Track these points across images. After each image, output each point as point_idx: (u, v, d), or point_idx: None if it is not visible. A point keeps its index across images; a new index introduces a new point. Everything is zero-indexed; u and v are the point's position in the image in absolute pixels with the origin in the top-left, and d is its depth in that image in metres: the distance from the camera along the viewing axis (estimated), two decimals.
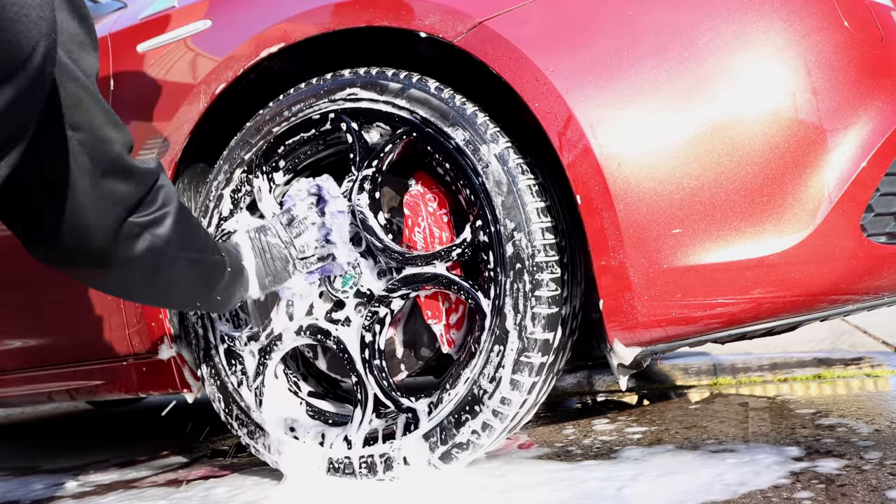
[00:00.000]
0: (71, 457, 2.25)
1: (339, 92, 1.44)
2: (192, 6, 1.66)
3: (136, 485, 1.71)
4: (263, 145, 1.52)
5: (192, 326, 1.59)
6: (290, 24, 1.47)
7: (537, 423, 1.83)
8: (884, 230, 1.21)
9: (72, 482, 1.84)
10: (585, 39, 1.23)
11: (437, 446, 1.33)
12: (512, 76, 1.26)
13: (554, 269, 1.27)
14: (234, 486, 1.53)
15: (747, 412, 1.67)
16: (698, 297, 1.18)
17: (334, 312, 1.49)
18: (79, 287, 1.71)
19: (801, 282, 1.17)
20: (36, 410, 3.93)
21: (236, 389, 1.54)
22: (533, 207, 1.28)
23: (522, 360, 1.27)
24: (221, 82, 1.54)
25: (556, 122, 1.22)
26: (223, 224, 1.55)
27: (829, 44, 1.18)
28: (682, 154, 1.18)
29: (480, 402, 1.30)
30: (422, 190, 1.43)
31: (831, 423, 1.48)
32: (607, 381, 2.40)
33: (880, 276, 1.22)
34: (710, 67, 1.18)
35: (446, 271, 1.36)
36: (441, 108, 1.34)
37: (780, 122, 1.16)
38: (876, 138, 1.17)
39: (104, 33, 1.77)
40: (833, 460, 1.22)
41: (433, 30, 1.33)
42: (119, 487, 1.71)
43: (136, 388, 1.72)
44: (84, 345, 1.75)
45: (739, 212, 1.16)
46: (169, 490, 1.60)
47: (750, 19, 1.18)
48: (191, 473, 1.75)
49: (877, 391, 1.80)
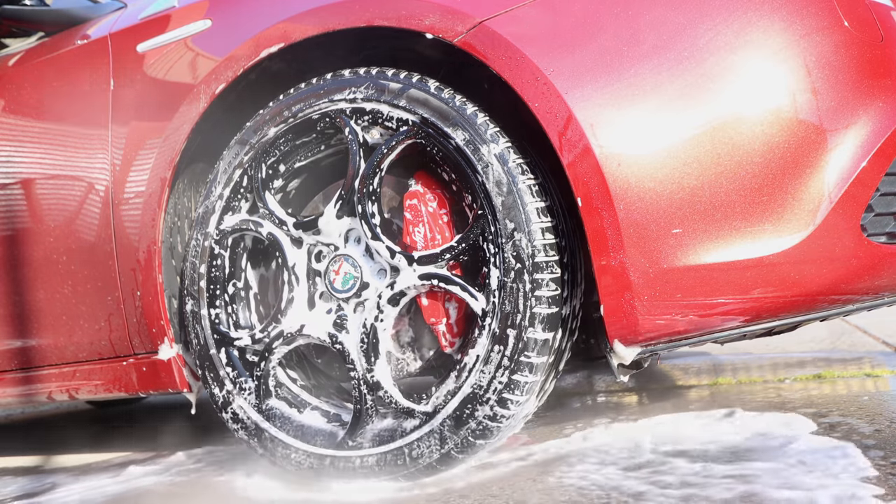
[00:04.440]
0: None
1: (339, 92, 1.44)
2: (192, 6, 1.66)
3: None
4: (263, 145, 1.52)
5: (191, 326, 1.59)
6: (291, 23, 1.47)
7: (537, 423, 1.83)
8: (884, 230, 1.21)
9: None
10: (585, 39, 1.23)
11: (437, 447, 1.33)
12: (512, 76, 1.26)
13: (554, 269, 1.27)
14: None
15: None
16: (698, 297, 1.18)
17: (334, 313, 1.49)
18: (79, 287, 1.71)
19: (801, 282, 1.17)
20: (37, 410, 3.93)
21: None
22: (533, 207, 1.28)
23: (522, 360, 1.27)
24: (221, 82, 1.54)
25: (557, 122, 1.22)
26: (222, 224, 1.55)
27: (829, 44, 1.19)
28: (682, 154, 1.18)
29: (480, 403, 1.30)
30: (422, 190, 1.43)
31: (831, 422, 1.48)
32: (607, 381, 2.40)
33: (880, 276, 1.22)
34: (710, 67, 1.18)
35: (446, 271, 1.36)
36: (441, 108, 1.34)
37: (780, 122, 1.17)
38: (876, 138, 1.17)
39: (104, 33, 1.77)
40: None
41: (433, 30, 1.33)
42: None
43: (136, 388, 1.72)
44: (84, 345, 1.75)
45: (739, 212, 1.16)
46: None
47: (750, 19, 1.19)
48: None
49: (877, 391, 1.80)
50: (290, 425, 1.50)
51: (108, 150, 1.66)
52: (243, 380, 1.54)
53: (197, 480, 1.66)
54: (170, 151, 1.58)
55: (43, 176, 1.79)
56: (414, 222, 1.41)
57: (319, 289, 1.52)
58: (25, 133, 1.85)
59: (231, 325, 1.57)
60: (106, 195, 1.67)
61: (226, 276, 1.56)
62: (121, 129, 1.65)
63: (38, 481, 1.90)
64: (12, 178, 1.83)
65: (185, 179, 1.68)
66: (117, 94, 1.69)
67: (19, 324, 1.88)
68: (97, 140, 1.68)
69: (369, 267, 1.47)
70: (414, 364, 1.50)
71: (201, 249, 1.56)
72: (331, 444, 1.43)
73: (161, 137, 1.60)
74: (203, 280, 1.56)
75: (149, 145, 1.61)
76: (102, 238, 1.67)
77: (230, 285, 1.57)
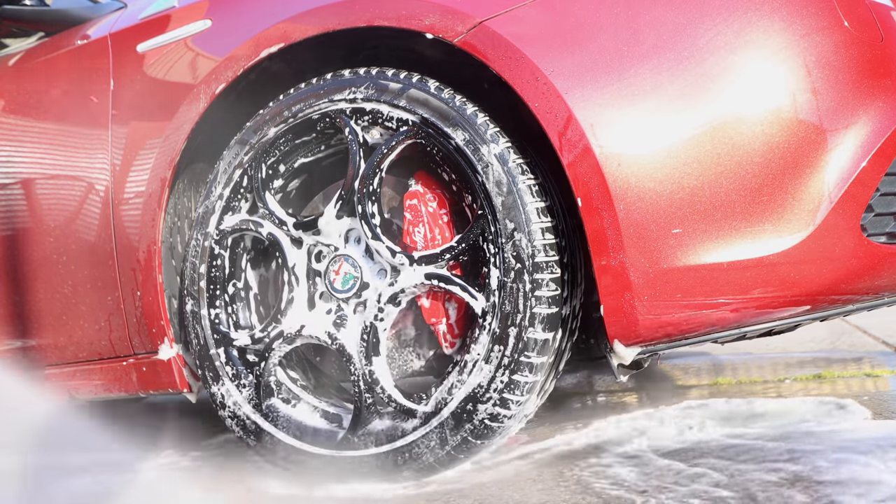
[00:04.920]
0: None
1: (339, 92, 1.44)
2: (192, 6, 1.66)
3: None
4: (263, 145, 1.52)
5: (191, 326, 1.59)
6: (290, 23, 1.47)
7: (537, 423, 1.83)
8: (884, 230, 1.21)
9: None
10: (585, 39, 1.23)
11: (437, 447, 1.33)
12: (512, 76, 1.26)
13: (554, 269, 1.27)
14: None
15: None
16: (698, 297, 1.18)
17: (334, 313, 1.49)
18: (79, 287, 1.71)
19: (801, 282, 1.17)
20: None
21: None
22: (533, 207, 1.28)
23: (522, 360, 1.27)
24: (221, 82, 1.54)
25: (557, 122, 1.22)
26: (222, 224, 1.55)
27: (829, 44, 1.19)
28: (682, 154, 1.18)
29: (480, 403, 1.30)
30: (422, 190, 1.43)
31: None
32: (607, 381, 2.40)
33: (880, 276, 1.22)
34: (710, 67, 1.18)
35: (446, 271, 1.36)
36: (441, 108, 1.34)
37: (780, 122, 1.17)
38: (876, 138, 1.17)
39: (104, 33, 1.77)
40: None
41: (433, 30, 1.33)
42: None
43: (136, 388, 1.72)
44: (84, 344, 1.75)
45: (739, 212, 1.16)
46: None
47: (750, 19, 1.19)
48: None
49: (877, 391, 1.80)
50: (289, 425, 1.49)
51: (108, 150, 1.66)
52: (243, 380, 1.54)
53: (196, 480, 1.65)
54: (170, 151, 1.58)
55: (43, 176, 1.79)
56: (414, 222, 1.41)
57: (319, 289, 1.52)
58: (25, 133, 1.85)
59: (231, 325, 1.57)
60: (106, 195, 1.67)
61: (226, 277, 1.56)
62: (121, 129, 1.65)
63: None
64: (12, 178, 1.83)
65: (185, 179, 1.68)
66: (117, 94, 1.69)
67: (19, 324, 1.88)
68: (97, 140, 1.68)
69: (369, 267, 1.47)
70: (414, 364, 1.50)
71: (201, 249, 1.56)
72: (331, 444, 1.43)
73: (161, 137, 1.60)
74: (203, 280, 1.56)
75: (149, 145, 1.61)
76: (102, 238, 1.67)
77: (230, 285, 1.57)
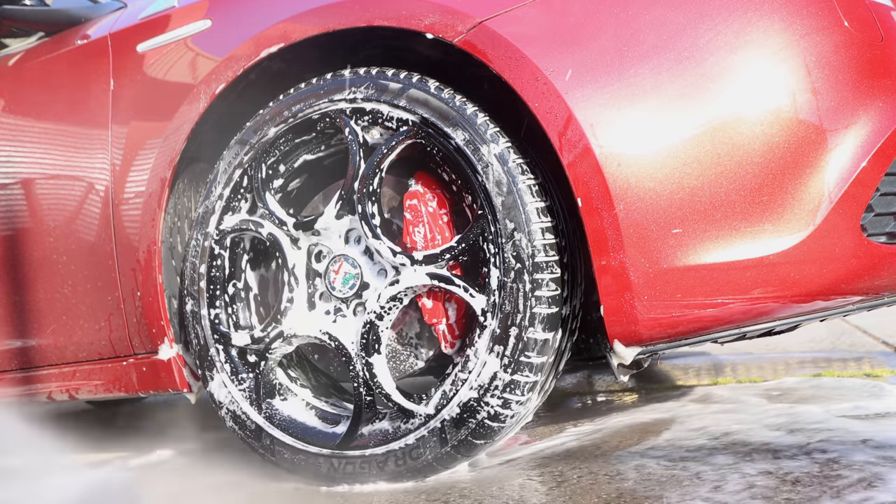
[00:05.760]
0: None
1: (339, 92, 1.44)
2: (192, 6, 1.65)
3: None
4: (263, 145, 1.52)
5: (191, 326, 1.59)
6: (291, 23, 1.47)
7: (537, 423, 1.83)
8: (884, 230, 1.21)
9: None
10: (585, 39, 1.23)
11: (437, 447, 1.33)
12: (512, 76, 1.26)
13: (554, 269, 1.27)
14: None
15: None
16: (698, 297, 1.18)
17: (334, 313, 1.49)
18: (79, 287, 1.71)
19: (801, 282, 1.17)
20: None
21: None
22: (533, 207, 1.28)
23: (522, 360, 1.27)
24: (221, 82, 1.54)
25: (557, 122, 1.22)
26: (222, 224, 1.55)
27: (829, 44, 1.19)
28: (682, 154, 1.18)
29: (481, 403, 1.30)
30: (422, 190, 1.43)
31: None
32: (607, 381, 2.40)
33: (880, 276, 1.22)
34: (710, 67, 1.18)
35: (446, 271, 1.36)
36: (441, 108, 1.34)
37: (780, 122, 1.17)
38: (876, 138, 1.17)
39: (104, 33, 1.77)
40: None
41: (433, 29, 1.33)
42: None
43: (136, 388, 1.72)
44: (84, 344, 1.75)
45: (739, 212, 1.16)
46: None
47: (750, 19, 1.19)
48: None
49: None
50: (289, 425, 1.49)
51: (108, 150, 1.66)
52: (243, 380, 1.54)
53: (195, 479, 1.65)
54: (170, 151, 1.58)
55: (43, 176, 1.79)
56: (414, 222, 1.41)
57: (319, 289, 1.52)
58: (25, 133, 1.85)
59: (231, 325, 1.57)
60: (106, 195, 1.67)
61: (226, 277, 1.56)
62: (121, 129, 1.65)
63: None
64: (12, 178, 1.83)
65: (185, 179, 1.68)
66: (117, 94, 1.69)
67: (19, 324, 1.88)
68: (97, 140, 1.68)
69: (369, 267, 1.47)
70: (414, 364, 1.50)
71: (201, 249, 1.56)
72: (331, 444, 1.43)
73: (161, 137, 1.60)
74: (203, 280, 1.56)
75: (149, 145, 1.61)
76: (102, 238, 1.67)
77: (230, 285, 1.57)
